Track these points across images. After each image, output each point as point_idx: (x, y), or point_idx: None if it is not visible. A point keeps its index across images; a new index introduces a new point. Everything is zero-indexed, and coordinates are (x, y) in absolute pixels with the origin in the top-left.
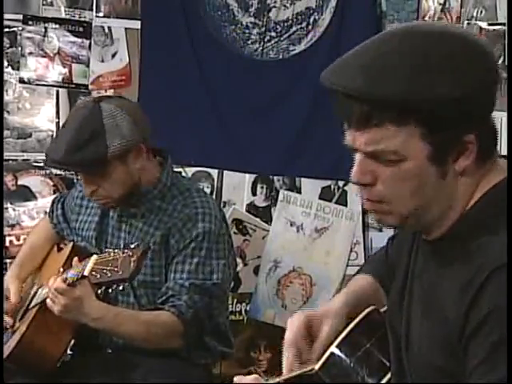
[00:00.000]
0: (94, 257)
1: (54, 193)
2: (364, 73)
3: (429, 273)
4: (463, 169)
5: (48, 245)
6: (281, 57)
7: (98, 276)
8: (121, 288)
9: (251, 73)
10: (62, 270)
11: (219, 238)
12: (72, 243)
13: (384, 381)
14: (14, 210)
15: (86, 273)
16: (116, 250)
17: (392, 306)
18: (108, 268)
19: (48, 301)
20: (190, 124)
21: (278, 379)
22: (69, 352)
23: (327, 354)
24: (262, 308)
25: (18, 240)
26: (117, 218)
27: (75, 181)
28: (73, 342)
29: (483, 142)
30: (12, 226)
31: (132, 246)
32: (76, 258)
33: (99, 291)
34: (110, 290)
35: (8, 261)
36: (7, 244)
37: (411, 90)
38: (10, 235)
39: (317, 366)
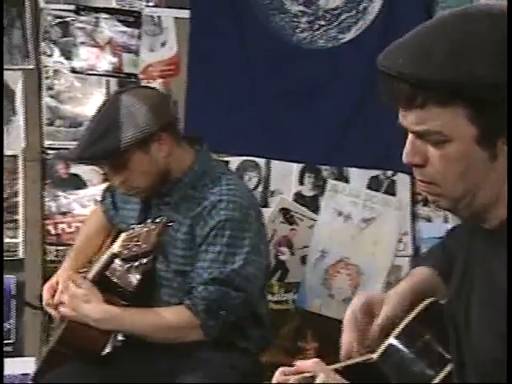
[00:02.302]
0: (123, 234)
1: (104, 181)
2: (409, 54)
3: (489, 261)
4: None
5: (101, 233)
6: (330, 45)
7: (126, 252)
8: (144, 261)
9: (300, 61)
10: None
11: (244, 226)
12: (117, 229)
13: (443, 373)
14: (65, 197)
15: (115, 250)
16: (140, 226)
17: (452, 296)
18: (133, 243)
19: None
20: (237, 112)
21: (336, 365)
22: (120, 338)
23: (386, 344)
24: (309, 297)
25: (70, 227)
26: (155, 206)
27: None
28: None
29: None
30: (63, 214)
31: (156, 221)
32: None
33: (129, 265)
34: (136, 264)
35: (60, 248)
36: (59, 231)
37: (453, 72)
38: (61, 223)
39: (375, 356)
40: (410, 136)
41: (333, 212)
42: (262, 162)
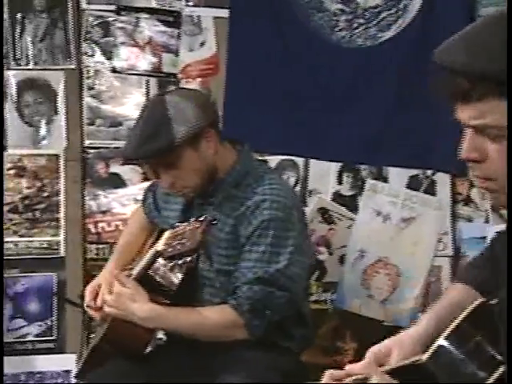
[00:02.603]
0: (167, 233)
1: (144, 181)
2: (466, 48)
3: None
4: None
5: (143, 233)
6: (369, 44)
7: (170, 250)
8: (188, 259)
9: (338, 60)
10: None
11: (288, 226)
12: (159, 229)
13: (496, 374)
14: (105, 197)
15: (159, 248)
16: (185, 224)
17: (503, 296)
18: (177, 241)
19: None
20: (276, 112)
21: (386, 367)
22: (162, 336)
23: (435, 345)
24: (348, 297)
25: (110, 226)
26: (198, 206)
27: None
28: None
29: None
30: (103, 213)
31: (200, 219)
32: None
33: (172, 263)
34: (180, 263)
35: (100, 246)
36: (99, 230)
37: (505, 66)
38: (101, 221)
39: (424, 357)
40: (468, 131)
41: (371, 212)
42: (300, 161)
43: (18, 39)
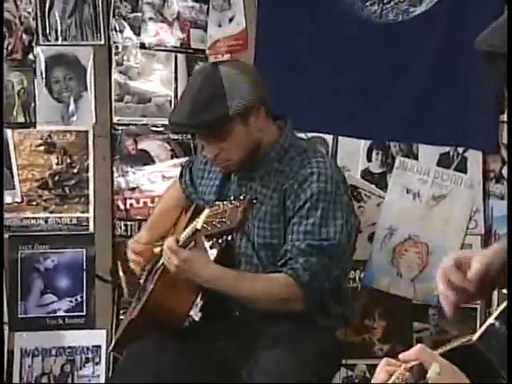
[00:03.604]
0: (206, 211)
1: (172, 157)
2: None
3: None
4: None
5: (177, 209)
6: (400, 19)
7: (209, 228)
8: (229, 238)
9: (369, 36)
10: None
11: (336, 198)
12: (195, 204)
13: None
14: (133, 173)
15: (198, 227)
16: (225, 202)
17: None
18: (217, 220)
19: (164, 260)
20: (304, 88)
21: (439, 350)
22: (199, 313)
23: (486, 325)
24: (377, 276)
25: (138, 203)
26: (237, 181)
27: (191, 146)
28: (201, 303)
29: None
30: (132, 190)
31: (240, 198)
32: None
33: (210, 243)
34: (220, 241)
35: (129, 223)
36: (128, 207)
37: None
38: (130, 198)
39: (474, 337)
40: None
41: (401, 189)
42: (329, 138)
43: (46, 15)
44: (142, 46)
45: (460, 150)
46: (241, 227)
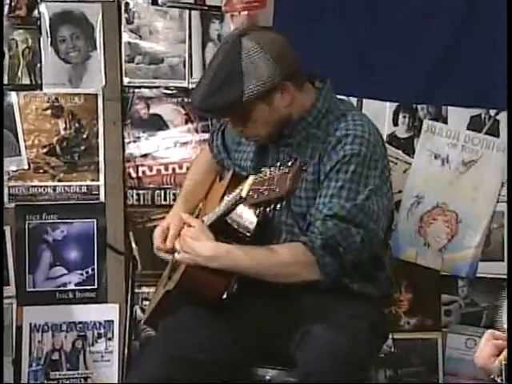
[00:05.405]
0: (251, 178)
1: (186, 122)
2: None
3: None
4: None
5: (210, 176)
6: None
7: (256, 196)
8: (278, 207)
9: None
10: (222, 197)
11: (370, 164)
12: (232, 171)
13: None
14: (145, 139)
15: (243, 194)
16: (272, 169)
17: None
18: (265, 187)
19: None
20: (326, 49)
21: None
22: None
23: None
24: (403, 246)
25: (151, 171)
26: (274, 148)
27: None
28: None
29: None
30: (144, 156)
31: (289, 164)
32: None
33: (257, 211)
34: (268, 210)
35: (141, 191)
36: (140, 174)
37: None
38: (142, 165)
39: None
40: None
41: (429, 155)
42: (353, 101)
43: None
44: (154, 2)
45: (492, 112)
46: (289, 195)
